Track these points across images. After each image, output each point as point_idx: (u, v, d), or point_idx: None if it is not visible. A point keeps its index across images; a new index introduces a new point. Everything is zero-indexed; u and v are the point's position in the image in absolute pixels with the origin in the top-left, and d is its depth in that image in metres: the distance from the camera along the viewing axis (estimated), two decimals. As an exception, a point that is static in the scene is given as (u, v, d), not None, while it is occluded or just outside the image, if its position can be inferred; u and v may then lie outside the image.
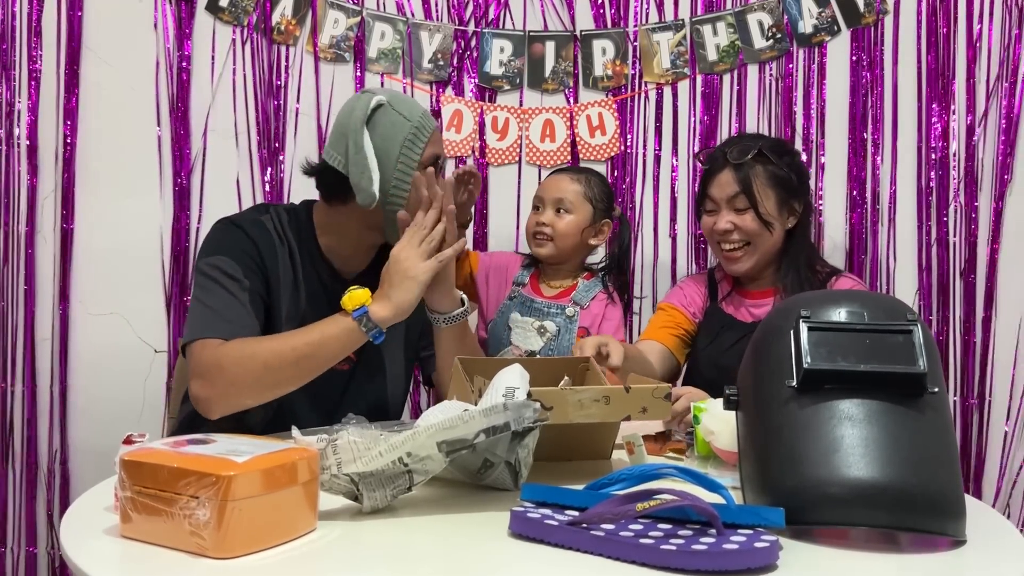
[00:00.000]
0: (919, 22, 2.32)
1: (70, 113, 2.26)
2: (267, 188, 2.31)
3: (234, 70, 2.30)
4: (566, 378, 1.54)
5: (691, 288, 2.10)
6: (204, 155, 2.31)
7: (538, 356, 1.91)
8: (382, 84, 2.33)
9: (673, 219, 2.36)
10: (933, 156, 2.32)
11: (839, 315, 1.23)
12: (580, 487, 1.22)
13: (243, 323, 1.61)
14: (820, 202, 2.33)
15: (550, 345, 1.93)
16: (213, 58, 2.30)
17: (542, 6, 2.35)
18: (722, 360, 1.91)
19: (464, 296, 1.73)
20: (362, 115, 1.67)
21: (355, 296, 1.56)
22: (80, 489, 1.29)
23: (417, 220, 1.62)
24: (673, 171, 2.36)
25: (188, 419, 1.79)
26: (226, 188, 2.30)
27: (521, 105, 2.36)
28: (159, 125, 2.29)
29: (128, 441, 1.24)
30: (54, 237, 2.27)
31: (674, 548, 1.03)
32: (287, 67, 2.31)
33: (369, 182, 1.66)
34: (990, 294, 2.31)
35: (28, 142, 2.25)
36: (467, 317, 1.73)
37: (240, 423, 1.67)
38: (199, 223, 2.30)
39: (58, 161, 2.27)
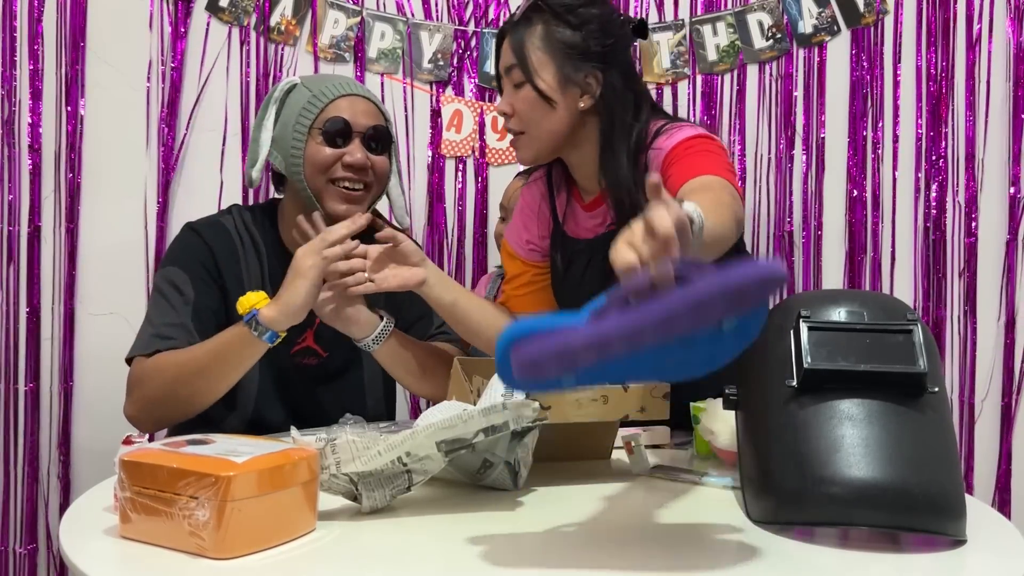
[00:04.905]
0: (919, 22, 2.32)
1: (71, 113, 2.26)
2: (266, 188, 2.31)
3: (228, 69, 2.30)
4: (566, 378, 1.54)
5: (526, 214, 1.76)
6: (203, 156, 2.31)
7: None
8: (382, 84, 2.33)
9: (673, 219, 2.35)
10: (933, 156, 2.32)
11: (839, 315, 1.23)
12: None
13: (176, 337, 1.61)
14: (820, 202, 2.33)
15: None
16: (205, 57, 2.30)
17: (542, 6, 2.35)
18: (581, 292, 1.53)
19: (382, 312, 1.66)
20: (271, 95, 1.71)
21: (246, 299, 1.53)
22: (80, 489, 1.29)
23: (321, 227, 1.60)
24: (673, 171, 2.36)
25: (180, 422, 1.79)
26: (224, 189, 2.30)
27: (521, 105, 2.35)
28: (157, 125, 2.29)
29: (128, 442, 1.24)
30: (55, 237, 2.27)
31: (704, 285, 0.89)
32: (284, 67, 2.31)
33: (252, 161, 1.71)
34: (989, 294, 2.32)
35: (29, 142, 2.25)
36: (390, 330, 1.66)
37: (214, 428, 1.68)
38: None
39: (60, 161, 2.27)
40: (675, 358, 0.97)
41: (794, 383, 1.19)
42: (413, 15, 2.34)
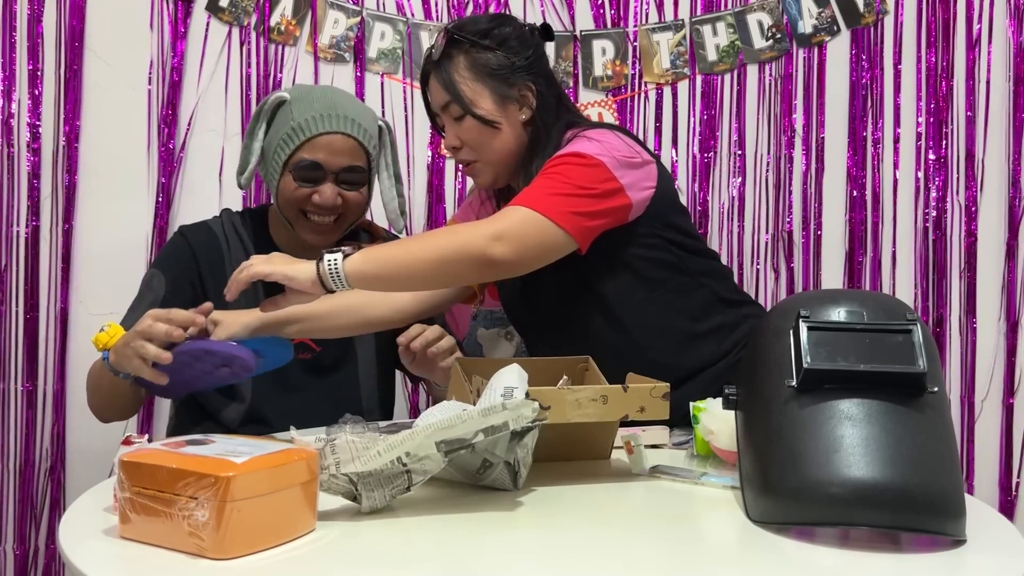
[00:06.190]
0: (919, 22, 2.32)
1: (70, 113, 2.26)
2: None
3: (228, 69, 2.30)
4: (564, 377, 1.54)
5: (477, 205, 1.79)
6: (203, 156, 2.31)
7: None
8: (382, 84, 2.33)
9: (673, 219, 2.35)
10: (933, 156, 2.32)
11: (839, 315, 1.23)
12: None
13: None
14: (820, 202, 2.33)
15: (520, 349, 1.92)
16: (205, 57, 2.29)
17: (542, 6, 2.35)
18: (526, 308, 1.71)
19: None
20: (262, 107, 1.75)
21: (98, 339, 1.48)
22: (79, 489, 1.30)
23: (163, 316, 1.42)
24: (673, 171, 2.36)
25: (178, 421, 1.81)
26: (224, 189, 2.30)
27: (521, 105, 2.35)
28: (157, 125, 2.29)
29: (127, 442, 1.24)
30: (53, 237, 2.27)
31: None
32: (284, 67, 2.31)
33: (242, 168, 1.77)
34: (990, 294, 2.32)
35: (28, 142, 2.25)
36: None
37: (215, 419, 1.75)
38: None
39: (58, 161, 2.27)
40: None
41: (794, 383, 1.19)
42: (413, 15, 2.34)
